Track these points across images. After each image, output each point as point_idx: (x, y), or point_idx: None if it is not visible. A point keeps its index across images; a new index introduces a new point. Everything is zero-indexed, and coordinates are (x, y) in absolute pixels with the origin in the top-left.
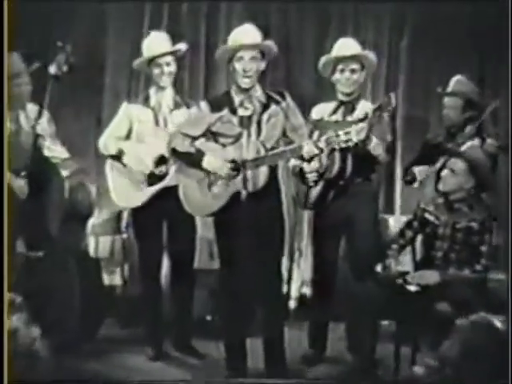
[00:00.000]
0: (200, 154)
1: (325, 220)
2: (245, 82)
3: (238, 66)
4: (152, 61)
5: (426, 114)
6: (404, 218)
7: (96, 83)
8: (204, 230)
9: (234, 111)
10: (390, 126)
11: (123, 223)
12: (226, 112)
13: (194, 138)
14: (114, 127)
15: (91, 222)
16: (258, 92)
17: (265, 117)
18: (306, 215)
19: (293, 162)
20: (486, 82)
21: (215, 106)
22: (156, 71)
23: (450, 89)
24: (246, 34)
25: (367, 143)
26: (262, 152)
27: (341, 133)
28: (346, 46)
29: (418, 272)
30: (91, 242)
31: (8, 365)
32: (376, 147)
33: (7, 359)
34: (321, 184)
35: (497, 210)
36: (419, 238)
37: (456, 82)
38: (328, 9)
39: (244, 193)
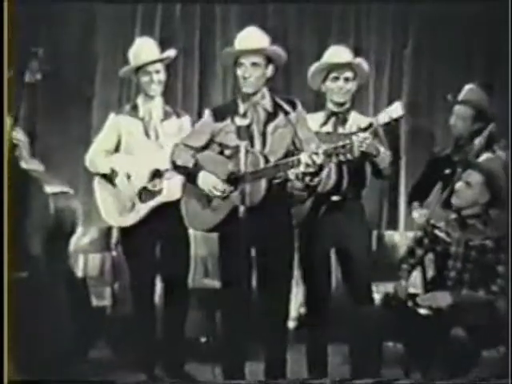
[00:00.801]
0: (196, 169)
1: (314, 238)
2: (246, 90)
3: (239, 72)
4: (140, 69)
5: (431, 125)
6: (410, 234)
7: (84, 93)
8: (198, 247)
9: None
10: (386, 138)
11: (113, 240)
12: (229, 121)
13: (197, 150)
14: (101, 141)
15: (80, 239)
16: (266, 100)
17: (270, 128)
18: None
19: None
20: (495, 88)
21: (219, 115)
22: (144, 79)
23: (461, 97)
24: (247, 38)
25: (375, 154)
26: (262, 165)
27: (341, 145)
28: (339, 53)
29: (429, 294)
30: (80, 261)
31: (8, 365)
32: (384, 158)
33: (7, 359)
34: (311, 200)
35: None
36: (429, 256)
37: (468, 90)
38: (328, 13)
39: (242, 208)
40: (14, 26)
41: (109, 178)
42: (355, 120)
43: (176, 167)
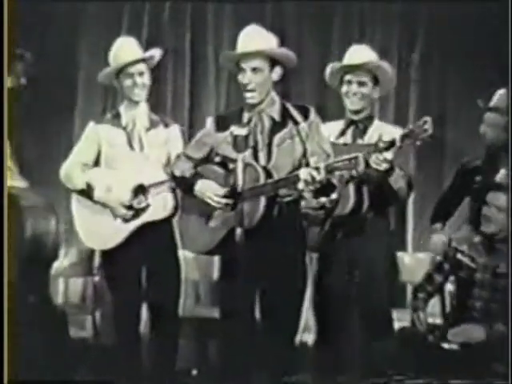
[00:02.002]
0: (193, 179)
1: (331, 263)
2: (247, 97)
3: (239, 77)
4: (121, 71)
5: (443, 136)
6: (420, 256)
7: (66, 100)
8: (189, 270)
9: None
10: (415, 156)
11: (95, 263)
12: (231, 131)
13: (197, 161)
14: (78, 153)
15: (60, 261)
16: (274, 107)
17: (276, 139)
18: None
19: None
20: None
21: (222, 124)
22: (127, 83)
23: (492, 103)
24: (247, 39)
25: (389, 174)
26: (262, 180)
27: (345, 159)
28: (357, 53)
29: (460, 327)
30: (60, 286)
31: (8, 365)
32: (398, 180)
33: (7, 359)
34: (329, 221)
35: None
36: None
37: (500, 96)
38: (329, 15)
39: (239, 230)
40: None
41: (86, 193)
42: (377, 130)
43: (174, 178)
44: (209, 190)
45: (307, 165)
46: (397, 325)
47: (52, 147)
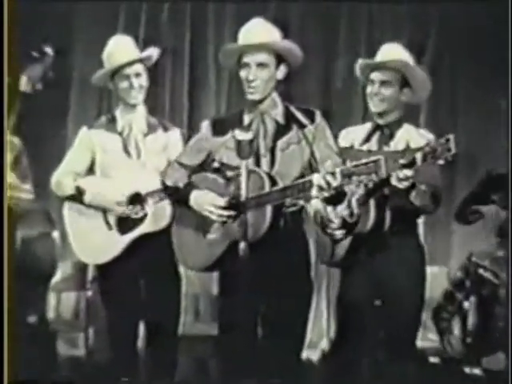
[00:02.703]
0: (188, 189)
1: (354, 280)
2: (249, 93)
3: (242, 73)
4: (116, 72)
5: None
6: (435, 270)
7: (59, 104)
8: (189, 284)
9: None
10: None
11: (89, 276)
12: (230, 135)
13: (192, 169)
14: (70, 161)
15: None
16: (277, 109)
17: (280, 143)
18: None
19: (314, 204)
20: None
21: (220, 128)
22: (122, 85)
23: None
24: (252, 31)
25: (410, 191)
26: (267, 188)
27: (363, 163)
28: (385, 50)
29: (496, 355)
30: (51, 301)
31: (8, 365)
32: (419, 197)
33: (7, 359)
34: (350, 238)
35: None
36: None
37: None
38: (336, 15)
39: (243, 244)
40: None
41: (77, 198)
42: (404, 136)
43: (166, 188)
44: (207, 201)
45: (313, 171)
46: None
47: (44, 154)
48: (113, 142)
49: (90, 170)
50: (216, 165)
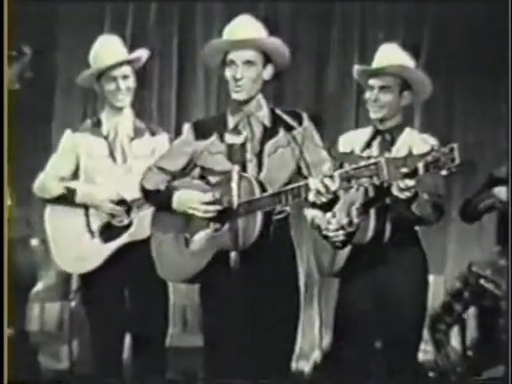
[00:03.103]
0: (170, 191)
1: (353, 291)
2: (235, 92)
3: (227, 72)
4: (103, 74)
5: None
6: (430, 279)
7: (43, 107)
8: (176, 294)
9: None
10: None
11: (73, 286)
12: (215, 138)
13: (173, 174)
14: (53, 165)
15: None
16: (262, 111)
17: (268, 147)
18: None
19: (312, 211)
20: None
21: (202, 131)
22: (109, 87)
23: None
24: (239, 27)
25: (411, 201)
26: (257, 193)
27: (363, 165)
28: (382, 54)
29: (498, 368)
30: (34, 311)
31: (8, 365)
32: (421, 207)
33: (7, 359)
34: (350, 248)
35: None
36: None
37: None
38: (329, 14)
39: (234, 253)
40: None
41: (68, 198)
42: (406, 141)
43: (145, 193)
44: (192, 198)
45: (302, 176)
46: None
47: (29, 158)
48: (98, 146)
49: (75, 175)
50: (197, 170)
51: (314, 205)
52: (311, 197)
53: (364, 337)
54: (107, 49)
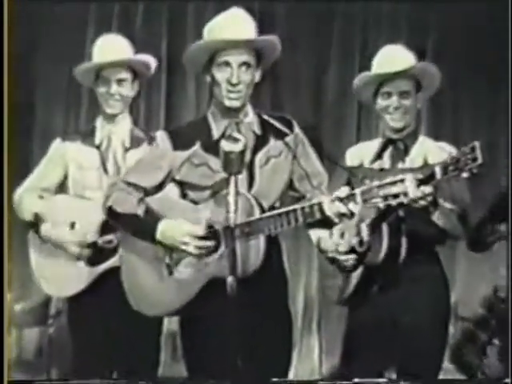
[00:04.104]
0: (152, 218)
1: (365, 320)
2: (230, 103)
3: (219, 75)
4: (100, 74)
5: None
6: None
7: (23, 117)
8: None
9: (209, 147)
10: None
11: (52, 309)
12: (197, 148)
13: (147, 191)
14: (37, 175)
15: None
16: (249, 116)
17: (259, 158)
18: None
19: (317, 232)
20: None
21: (181, 140)
22: (101, 89)
23: None
24: (234, 24)
25: (431, 210)
26: (257, 212)
27: (388, 182)
28: (393, 57)
29: None
30: (12, 336)
31: (8, 365)
32: (444, 216)
33: (7, 359)
34: (361, 269)
35: None
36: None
37: None
38: (330, 16)
39: (230, 280)
40: None
41: (34, 227)
42: (421, 150)
43: (115, 217)
44: (182, 231)
45: (294, 190)
46: None
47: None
48: (88, 156)
49: (62, 188)
50: (176, 186)
51: (317, 223)
52: (335, 220)
53: (375, 366)
54: (107, 46)
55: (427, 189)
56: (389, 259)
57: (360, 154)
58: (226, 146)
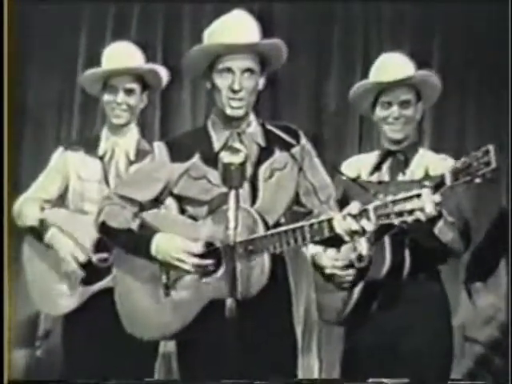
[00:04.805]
0: (147, 233)
1: (363, 340)
2: (232, 112)
3: (220, 82)
4: (108, 82)
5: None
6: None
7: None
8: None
9: (209, 159)
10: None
11: (40, 330)
12: (196, 160)
13: (143, 206)
14: (39, 185)
15: None
16: (252, 126)
17: (263, 171)
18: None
19: (312, 248)
20: None
21: (179, 151)
22: (107, 98)
23: None
24: (236, 26)
25: (434, 222)
26: (261, 228)
27: (403, 197)
28: (393, 65)
29: None
30: None
31: (8, 365)
32: (445, 229)
33: (7, 359)
34: (360, 286)
35: None
36: None
37: None
38: (331, 20)
39: (230, 302)
40: None
41: (37, 233)
42: (422, 161)
43: (108, 233)
44: (177, 247)
45: (301, 205)
46: None
47: None
48: (91, 167)
49: (62, 200)
50: (173, 200)
51: (325, 241)
52: (346, 238)
53: None
54: (116, 53)
55: (436, 197)
56: (392, 274)
57: (357, 166)
58: (225, 157)
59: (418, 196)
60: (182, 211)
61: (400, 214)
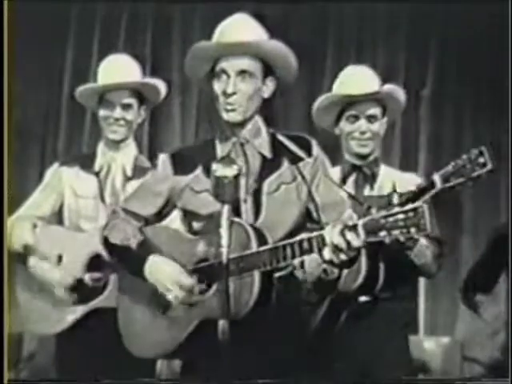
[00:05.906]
0: (142, 252)
1: (332, 354)
2: (228, 117)
3: (216, 85)
4: (104, 97)
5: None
6: (445, 341)
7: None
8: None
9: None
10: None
11: (24, 351)
12: (199, 172)
13: (147, 220)
14: (33, 201)
15: None
16: (261, 137)
17: (268, 184)
18: None
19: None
20: None
21: (183, 163)
22: (103, 113)
23: None
24: (232, 28)
25: (411, 246)
26: (254, 245)
27: (397, 211)
28: (358, 78)
29: None
30: None
31: (8, 365)
32: (422, 253)
33: (7, 359)
34: (327, 300)
35: None
36: None
37: None
38: (326, 23)
39: (222, 323)
40: None
41: (21, 259)
42: (388, 177)
43: (109, 248)
44: (167, 275)
45: (314, 222)
46: None
47: None
48: (86, 183)
49: (58, 217)
50: (176, 213)
51: (329, 263)
52: (327, 255)
53: None
54: (113, 67)
55: (410, 213)
56: (363, 288)
57: None
58: (218, 170)
59: (415, 210)
60: (189, 225)
61: (391, 228)
